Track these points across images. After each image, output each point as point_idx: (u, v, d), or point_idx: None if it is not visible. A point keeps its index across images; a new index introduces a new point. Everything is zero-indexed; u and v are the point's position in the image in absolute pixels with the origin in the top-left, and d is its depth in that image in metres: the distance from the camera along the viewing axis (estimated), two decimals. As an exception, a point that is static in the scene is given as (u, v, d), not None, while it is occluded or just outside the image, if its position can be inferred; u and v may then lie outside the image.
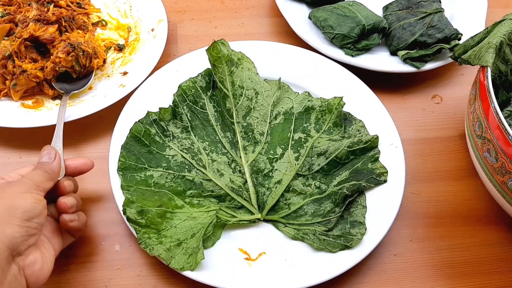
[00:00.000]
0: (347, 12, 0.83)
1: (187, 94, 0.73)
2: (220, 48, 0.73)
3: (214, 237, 0.63)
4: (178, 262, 0.59)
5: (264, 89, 0.74)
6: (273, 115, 0.74)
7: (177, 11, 0.91)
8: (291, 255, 0.62)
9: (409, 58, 0.80)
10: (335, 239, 0.62)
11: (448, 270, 0.66)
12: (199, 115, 0.72)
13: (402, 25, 0.83)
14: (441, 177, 0.74)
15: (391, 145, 0.70)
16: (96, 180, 0.70)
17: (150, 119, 0.70)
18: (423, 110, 0.81)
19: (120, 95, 0.73)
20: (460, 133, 0.79)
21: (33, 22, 0.77)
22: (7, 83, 0.74)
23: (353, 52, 0.81)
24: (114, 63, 0.81)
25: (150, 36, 0.82)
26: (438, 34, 0.81)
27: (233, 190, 0.67)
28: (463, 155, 0.76)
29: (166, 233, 0.61)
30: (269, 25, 0.91)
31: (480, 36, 0.66)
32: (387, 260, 0.66)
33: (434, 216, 0.70)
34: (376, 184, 0.67)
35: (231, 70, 0.73)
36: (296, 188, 0.67)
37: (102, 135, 0.74)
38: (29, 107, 0.74)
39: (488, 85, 0.59)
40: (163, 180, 0.66)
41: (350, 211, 0.65)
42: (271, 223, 0.66)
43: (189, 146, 0.70)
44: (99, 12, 0.87)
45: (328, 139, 0.71)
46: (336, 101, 0.73)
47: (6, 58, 0.74)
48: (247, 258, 0.62)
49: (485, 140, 0.60)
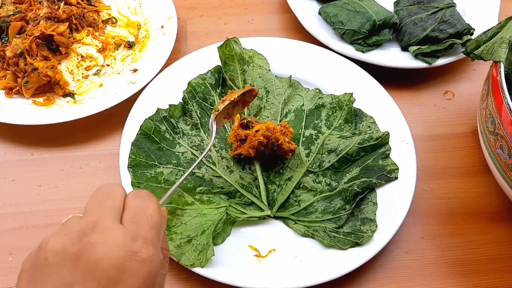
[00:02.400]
0: (358, 7, 0.82)
1: (196, 91, 0.73)
2: (233, 46, 0.73)
3: (224, 234, 0.63)
4: (188, 259, 0.59)
5: (275, 87, 0.74)
6: (284, 113, 0.73)
7: (186, 8, 0.91)
8: (301, 252, 0.62)
9: (420, 53, 0.80)
10: (345, 236, 0.62)
11: (460, 267, 0.65)
12: (208, 112, 0.72)
13: (413, 20, 0.82)
14: (453, 173, 0.73)
15: (402, 141, 0.70)
16: (107, 177, 0.70)
17: (160, 116, 0.70)
18: (434, 106, 0.81)
19: (130, 92, 0.74)
20: (472, 129, 0.78)
21: (44, 20, 0.78)
22: (19, 80, 0.75)
23: (363, 48, 0.80)
24: (124, 60, 0.81)
25: (160, 33, 0.82)
26: (450, 29, 0.80)
27: (243, 187, 0.67)
28: (475, 151, 0.75)
29: (177, 230, 0.61)
30: (278, 21, 0.91)
31: (493, 31, 0.66)
32: (398, 258, 0.66)
33: (446, 213, 0.70)
34: (387, 181, 0.66)
35: (243, 69, 0.73)
36: (307, 185, 0.67)
37: (112, 132, 0.75)
38: (40, 105, 0.74)
39: (501, 80, 0.58)
40: (173, 177, 0.66)
41: (361, 208, 0.65)
42: (281, 220, 0.66)
43: (198, 143, 0.70)
44: (109, 10, 0.88)
45: (339, 136, 0.71)
46: (347, 98, 0.72)
47: (18, 56, 0.75)
48: (257, 255, 0.62)
49: (498, 137, 0.59)
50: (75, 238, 0.36)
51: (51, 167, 0.71)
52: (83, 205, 0.68)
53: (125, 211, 0.40)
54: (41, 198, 0.69)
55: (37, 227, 0.66)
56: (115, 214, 0.39)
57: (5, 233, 0.65)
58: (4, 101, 0.74)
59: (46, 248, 0.36)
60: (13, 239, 0.65)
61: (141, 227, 0.39)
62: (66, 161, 0.72)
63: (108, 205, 0.39)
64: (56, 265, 0.35)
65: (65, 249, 0.35)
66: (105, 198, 0.40)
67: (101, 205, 0.39)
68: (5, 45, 0.77)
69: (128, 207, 0.40)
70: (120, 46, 0.83)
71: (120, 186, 0.42)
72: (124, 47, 0.83)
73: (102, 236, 0.36)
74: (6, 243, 0.65)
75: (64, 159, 0.72)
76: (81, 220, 0.38)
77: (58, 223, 0.66)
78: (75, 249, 0.35)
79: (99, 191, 0.41)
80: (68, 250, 0.35)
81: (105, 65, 0.81)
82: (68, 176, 0.71)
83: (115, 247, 0.36)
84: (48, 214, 0.67)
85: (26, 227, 0.66)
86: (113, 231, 0.37)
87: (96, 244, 0.36)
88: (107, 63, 0.81)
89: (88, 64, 0.81)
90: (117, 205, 0.40)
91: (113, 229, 0.37)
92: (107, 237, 0.36)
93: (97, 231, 0.37)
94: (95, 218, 0.38)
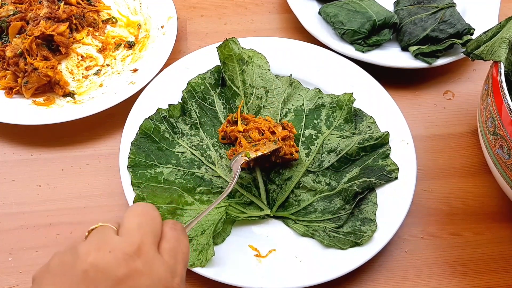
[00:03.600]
0: (358, 7, 0.82)
1: (196, 90, 0.73)
2: (232, 46, 0.73)
3: (224, 234, 0.63)
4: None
5: (274, 86, 0.74)
6: (284, 113, 0.73)
7: (186, 8, 0.91)
8: (301, 252, 0.62)
9: (420, 53, 0.80)
10: (345, 236, 0.62)
11: (460, 267, 0.65)
12: (208, 112, 0.72)
13: (413, 20, 0.82)
14: (453, 174, 0.73)
15: (402, 141, 0.70)
16: (107, 177, 0.70)
17: (160, 115, 0.70)
18: (434, 106, 0.81)
19: (130, 92, 0.74)
20: (472, 129, 0.78)
21: (44, 20, 0.78)
22: (19, 80, 0.75)
23: (363, 48, 0.80)
24: (124, 60, 0.81)
25: (160, 33, 0.82)
26: (450, 29, 0.80)
27: (242, 187, 0.67)
28: (475, 151, 0.75)
29: (176, 230, 0.61)
30: (278, 21, 0.91)
31: (493, 31, 0.65)
32: (398, 258, 0.66)
33: (446, 213, 0.70)
34: (387, 181, 0.66)
35: (242, 69, 0.73)
36: (306, 184, 0.67)
37: (112, 132, 0.75)
38: (40, 104, 0.74)
39: (501, 80, 0.58)
40: (173, 177, 0.66)
41: (361, 208, 0.65)
42: (280, 220, 0.66)
43: (198, 142, 0.70)
44: (109, 10, 0.88)
45: (338, 136, 0.71)
46: (346, 97, 0.72)
47: (18, 55, 0.75)
48: (257, 255, 0.62)
49: (498, 136, 0.59)
50: (121, 260, 0.36)
51: (51, 167, 0.71)
52: (83, 205, 0.69)
53: (164, 240, 0.41)
54: (41, 198, 0.69)
55: (37, 227, 0.66)
56: (155, 241, 0.40)
57: (5, 233, 0.65)
58: (4, 101, 0.74)
59: (87, 261, 0.36)
60: (13, 239, 0.65)
61: (178, 264, 0.40)
62: (66, 161, 0.72)
63: (149, 229, 0.40)
64: (96, 281, 0.35)
65: (110, 269, 0.36)
66: (146, 220, 0.40)
67: (143, 227, 0.40)
68: (5, 45, 0.77)
69: (167, 238, 0.41)
70: (120, 46, 0.83)
71: (156, 210, 0.42)
72: (124, 47, 0.83)
73: (147, 267, 0.37)
74: (6, 243, 0.65)
75: (64, 159, 0.72)
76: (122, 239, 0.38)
77: (58, 223, 0.67)
78: (120, 272, 0.36)
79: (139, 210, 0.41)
80: (113, 271, 0.36)
81: (105, 65, 0.81)
82: (68, 176, 0.71)
83: (157, 281, 0.37)
84: (48, 214, 0.67)
85: (26, 227, 0.66)
86: (156, 263, 0.38)
87: (141, 273, 0.36)
88: (107, 63, 0.81)
89: (88, 64, 0.81)
90: (156, 231, 0.41)
91: (155, 259, 0.38)
92: (151, 268, 0.37)
93: (142, 258, 0.37)
94: (138, 241, 0.38)
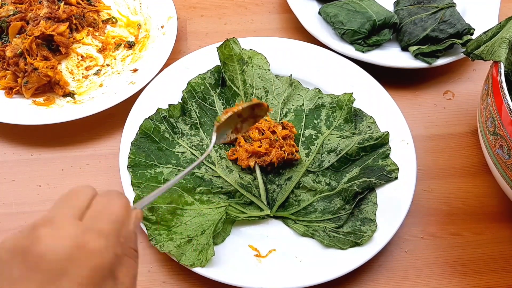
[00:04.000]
0: (358, 7, 0.82)
1: (196, 90, 0.73)
2: (232, 46, 0.73)
3: (224, 233, 0.63)
4: (189, 259, 0.59)
5: (274, 86, 0.74)
6: (284, 113, 0.73)
7: (186, 8, 0.91)
8: (301, 252, 0.62)
9: (420, 53, 0.80)
10: (345, 236, 0.62)
11: (460, 267, 0.65)
12: (207, 112, 0.72)
13: (413, 20, 0.82)
14: (453, 174, 0.73)
15: (402, 141, 0.70)
16: (107, 177, 0.70)
17: (160, 115, 0.70)
18: (434, 106, 0.81)
19: (130, 92, 0.74)
20: (472, 129, 0.78)
21: (44, 20, 0.78)
22: (19, 80, 0.75)
23: (363, 48, 0.80)
24: (124, 60, 0.81)
25: (160, 33, 0.82)
26: (450, 29, 0.80)
27: (242, 187, 0.67)
28: (475, 151, 0.75)
29: (177, 230, 0.61)
30: (278, 21, 0.91)
31: (493, 31, 0.65)
32: (398, 258, 0.66)
33: (446, 213, 0.70)
34: (387, 181, 0.66)
35: (243, 69, 0.73)
36: (306, 185, 0.67)
37: (112, 132, 0.75)
38: (40, 104, 0.74)
39: (501, 80, 0.58)
40: (172, 177, 0.66)
41: (361, 208, 0.65)
42: (280, 220, 0.66)
43: (198, 143, 0.70)
44: (109, 10, 0.88)
45: (338, 136, 0.71)
46: (346, 97, 0.72)
47: (18, 56, 0.75)
48: (257, 255, 0.62)
49: (498, 137, 0.59)
50: (25, 233, 0.35)
51: (51, 167, 0.71)
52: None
53: (89, 209, 0.38)
54: (41, 198, 0.69)
55: (37, 227, 0.66)
56: (75, 212, 0.37)
57: (5, 233, 0.65)
58: (4, 101, 0.74)
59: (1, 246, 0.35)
60: (13, 239, 0.65)
61: (98, 221, 0.37)
62: (66, 161, 0.72)
63: (71, 203, 0.38)
64: (7, 261, 0.34)
65: (15, 245, 0.34)
66: (70, 197, 0.39)
67: (64, 203, 0.38)
68: (5, 45, 0.77)
69: (92, 206, 0.38)
70: (120, 46, 0.83)
71: (90, 187, 0.40)
72: (124, 47, 0.83)
73: (51, 230, 0.35)
74: (6, 243, 0.65)
75: (64, 159, 0.72)
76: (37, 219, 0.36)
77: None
78: (23, 243, 0.34)
79: (68, 191, 0.40)
80: (17, 245, 0.34)
81: (105, 65, 0.81)
82: (68, 176, 0.71)
83: (61, 238, 0.34)
84: (48, 214, 0.67)
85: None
86: (66, 226, 0.35)
87: (43, 237, 0.34)
88: (107, 63, 0.81)
89: (88, 64, 0.81)
90: (80, 204, 0.38)
91: (66, 223, 0.36)
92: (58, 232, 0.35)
93: (48, 226, 0.35)
94: (53, 215, 0.36)
